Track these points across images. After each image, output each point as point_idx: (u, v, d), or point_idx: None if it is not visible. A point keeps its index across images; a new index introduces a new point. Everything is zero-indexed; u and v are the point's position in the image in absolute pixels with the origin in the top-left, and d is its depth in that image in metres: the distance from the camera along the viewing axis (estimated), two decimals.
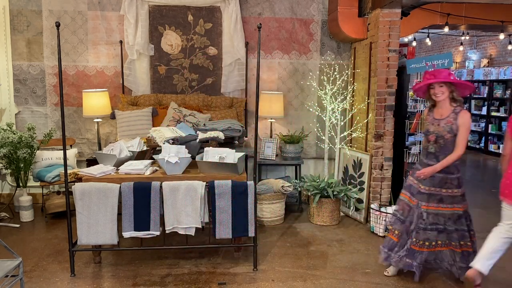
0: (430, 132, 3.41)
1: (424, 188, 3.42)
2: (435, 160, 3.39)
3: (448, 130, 3.31)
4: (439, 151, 3.38)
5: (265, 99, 5.36)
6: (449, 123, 3.32)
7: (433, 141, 3.38)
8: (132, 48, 5.35)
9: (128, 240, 3.89)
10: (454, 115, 3.32)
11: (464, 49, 11.48)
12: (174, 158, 3.62)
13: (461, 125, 3.29)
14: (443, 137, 3.33)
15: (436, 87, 3.33)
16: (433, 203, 3.40)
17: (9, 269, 2.69)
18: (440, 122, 3.37)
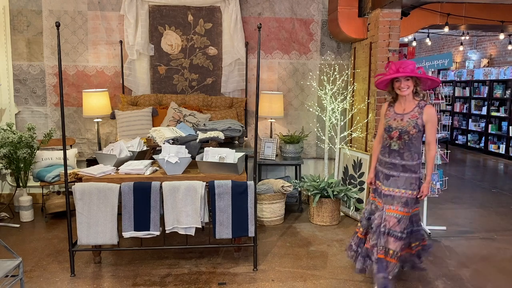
0: (393, 128, 3.17)
1: (389, 189, 3.20)
2: (399, 158, 3.17)
3: (414, 125, 3.11)
4: (403, 147, 3.15)
5: (265, 99, 5.36)
6: (414, 118, 3.12)
7: (396, 138, 3.15)
8: (132, 48, 5.35)
9: (128, 240, 3.89)
10: (419, 109, 3.14)
11: (464, 49, 11.48)
12: (174, 158, 3.62)
13: (427, 121, 3.11)
14: (407, 133, 3.12)
15: (402, 81, 3.11)
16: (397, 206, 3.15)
17: (9, 269, 2.69)
18: (403, 117, 3.16)
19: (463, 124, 11.36)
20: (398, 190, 3.16)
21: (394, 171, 3.19)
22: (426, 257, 3.65)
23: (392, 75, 3.10)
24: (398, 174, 3.17)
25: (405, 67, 3.07)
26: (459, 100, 11.57)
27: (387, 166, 3.23)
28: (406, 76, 3.08)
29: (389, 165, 3.22)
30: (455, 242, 4.44)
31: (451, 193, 6.14)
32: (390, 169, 3.21)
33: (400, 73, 3.06)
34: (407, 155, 3.15)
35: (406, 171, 3.15)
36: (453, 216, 5.31)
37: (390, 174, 3.21)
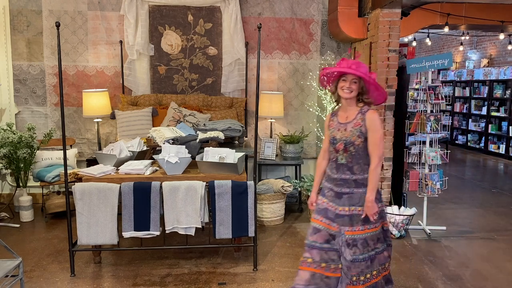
0: (337, 139, 2.75)
1: (343, 209, 2.75)
2: (349, 172, 2.74)
3: (358, 134, 2.69)
4: (351, 161, 2.73)
5: (265, 99, 5.35)
6: (358, 126, 2.70)
7: (342, 150, 2.74)
8: (132, 48, 5.35)
9: (128, 240, 3.89)
10: (361, 115, 2.71)
11: (464, 49, 11.48)
12: (174, 158, 3.62)
13: (369, 128, 2.67)
14: (353, 144, 2.70)
15: (348, 81, 2.69)
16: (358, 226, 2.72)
17: (9, 269, 2.69)
18: (346, 126, 2.74)
19: (463, 124, 11.36)
20: (354, 208, 2.72)
21: (346, 188, 2.76)
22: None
23: (340, 69, 2.69)
24: (352, 191, 2.74)
25: (358, 67, 2.68)
26: (459, 100, 11.57)
27: (337, 183, 2.78)
28: (354, 78, 2.69)
29: (339, 182, 2.77)
30: (455, 242, 4.44)
31: (451, 193, 6.14)
32: (341, 186, 2.77)
33: (351, 69, 2.66)
34: (357, 169, 2.73)
35: (359, 186, 2.74)
36: (453, 216, 5.31)
37: (341, 191, 2.77)
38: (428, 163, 4.70)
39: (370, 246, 2.73)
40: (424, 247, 4.30)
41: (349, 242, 2.69)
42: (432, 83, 4.77)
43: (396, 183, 4.98)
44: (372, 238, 2.73)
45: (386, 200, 4.89)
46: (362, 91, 2.72)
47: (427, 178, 4.69)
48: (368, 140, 2.70)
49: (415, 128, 4.79)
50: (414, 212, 4.57)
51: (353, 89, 2.69)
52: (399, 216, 4.48)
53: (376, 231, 2.76)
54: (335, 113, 2.86)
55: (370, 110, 2.72)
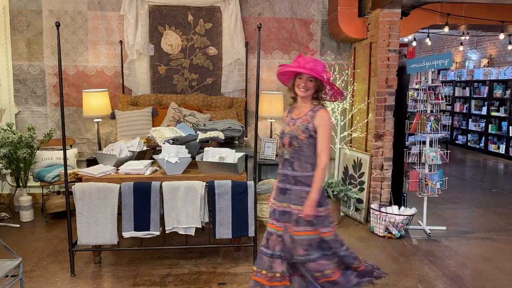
0: (285, 133, 2.76)
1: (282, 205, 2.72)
2: (290, 168, 2.70)
3: (303, 129, 2.66)
4: (293, 156, 2.69)
5: (265, 99, 5.35)
6: (305, 122, 2.67)
7: (287, 145, 2.71)
8: (132, 48, 5.35)
9: (128, 240, 3.89)
10: (312, 113, 2.68)
11: (464, 49, 11.48)
12: (174, 158, 3.62)
13: (318, 125, 2.63)
14: (297, 138, 2.67)
15: (304, 79, 2.67)
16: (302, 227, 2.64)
17: (9, 269, 2.69)
18: (296, 121, 2.73)
19: (463, 124, 11.36)
20: (294, 207, 2.66)
21: (288, 184, 2.71)
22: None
23: (294, 69, 2.67)
24: (290, 187, 2.69)
25: (314, 66, 2.64)
26: (459, 100, 11.57)
27: (281, 179, 2.75)
28: (309, 77, 2.66)
29: (283, 177, 2.74)
30: (455, 242, 4.44)
31: (451, 193, 6.14)
32: (284, 181, 2.73)
33: (305, 69, 2.63)
34: (297, 165, 2.68)
35: (297, 184, 2.67)
36: (453, 216, 5.31)
37: (284, 187, 2.73)
38: (428, 163, 4.70)
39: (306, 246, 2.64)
40: (424, 247, 4.30)
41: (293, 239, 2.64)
42: (432, 83, 4.77)
43: (396, 183, 4.98)
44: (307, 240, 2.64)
45: (386, 200, 4.89)
46: (318, 88, 2.71)
47: (427, 178, 4.69)
48: (317, 139, 2.66)
49: (415, 128, 4.79)
50: (414, 212, 4.57)
51: (309, 87, 2.68)
52: (399, 216, 4.48)
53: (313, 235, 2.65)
54: (292, 110, 2.85)
55: (322, 109, 2.70)
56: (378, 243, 4.38)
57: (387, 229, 4.50)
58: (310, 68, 2.62)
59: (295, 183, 2.69)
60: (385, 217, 4.49)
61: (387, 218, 4.48)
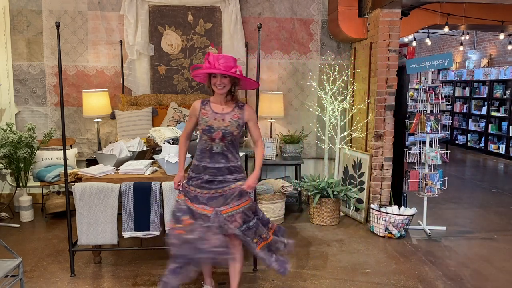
0: (215, 128, 2.84)
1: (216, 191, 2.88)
2: (224, 160, 2.88)
3: (236, 126, 2.86)
4: (226, 149, 2.88)
5: (265, 99, 5.36)
6: (236, 118, 2.87)
7: (219, 139, 2.85)
8: (132, 48, 5.35)
9: (128, 240, 3.89)
10: (239, 109, 2.90)
11: (464, 49, 11.49)
12: (174, 158, 3.61)
13: (249, 119, 2.92)
14: (231, 134, 2.85)
15: (219, 78, 2.79)
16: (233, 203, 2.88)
17: (9, 269, 2.69)
18: (224, 116, 2.86)
19: (463, 124, 11.36)
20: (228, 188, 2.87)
21: (220, 176, 2.88)
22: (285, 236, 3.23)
23: (207, 70, 2.78)
24: (224, 178, 2.88)
25: (223, 63, 2.74)
26: (459, 100, 11.57)
27: (210, 172, 2.88)
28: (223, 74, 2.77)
29: (212, 170, 2.88)
30: (455, 242, 4.44)
31: (451, 193, 6.14)
32: (214, 174, 2.88)
33: (215, 69, 2.74)
34: (231, 157, 2.91)
35: (232, 173, 2.90)
36: (453, 216, 5.31)
37: (214, 179, 2.88)
38: (428, 163, 4.70)
39: (249, 216, 2.93)
40: (424, 247, 4.30)
41: (228, 219, 2.84)
42: (432, 83, 4.77)
43: (396, 183, 4.98)
44: (248, 209, 2.93)
45: (386, 200, 4.89)
46: (234, 82, 2.85)
47: (427, 178, 4.69)
48: (251, 130, 2.98)
49: (415, 128, 4.79)
50: (414, 212, 4.57)
51: (225, 83, 2.81)
52: (399, 216, 4.48)
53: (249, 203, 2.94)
54: (206, 102, 2.95)
55: (246, 105, 2.96)
56: (378, 243, 4.38)
57: (387, 229, 4.51)
58: (220, 66, 2.74)
59: (229, 172, 2.91)
60: (385, 217, 4.49)
61: (387, 218, 4.48)
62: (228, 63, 2.76)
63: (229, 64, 2.76)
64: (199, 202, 2.90)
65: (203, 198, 2.88)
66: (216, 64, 2.74)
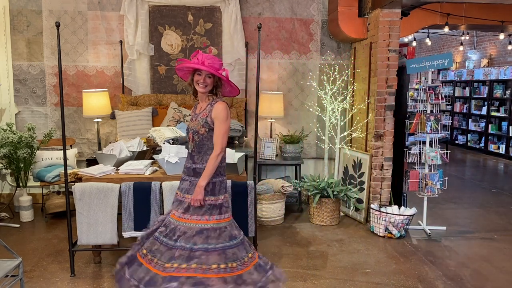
0: (189, 129, 2.85)
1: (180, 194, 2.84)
2: (191, 161, 2.82)
3: (203, 124, 2.76)
4: (194, 150, 2.81)
5: (265, 99, 5.36)
6: (204, 116, 2.77)
7: (191, 139, 2.82)
8: (132, 48, 5.35)
9: (128, 240, 3.89)
10: (210, 107, 2.78)
11: (464, 49, 11.48)
12: (174, 158, 3.62)
13: (214, 118, 2.73)
14: (198, 133, 2.77)
15: (203, 76, 2.74)
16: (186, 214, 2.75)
17: (9, 269, 2.69)
18: (197, 116, 2.84)
19: (463, 124, 11.36)
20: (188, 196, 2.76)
21: (187, 176, 2.84)
22: None
23: (195, 65, 2.72)
24: (190, 179, 2.81)
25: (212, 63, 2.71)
26: (459, 100, 11.57)
27: (184, 171, 2.89)
28: (208, 73, 2.73)
29: (184, 169, 2.88)
30: (455, 242, 4.44)
31: (451, 193, 6.14)
32: (184, 173, 2.87)
33: (204, 66, 2.69)
34: (197, 158, 2.79)
35: (196, 175, 2.77)
36: (453, 216, 5.31)
37: (184, 178, 2.87)
38: (428, 163, 4.70)
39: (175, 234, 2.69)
40: (424, 247, 4.30)
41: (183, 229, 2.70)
42: (432, 83, 4.77)
43: (396, 183, 4.98)
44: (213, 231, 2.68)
45: (386, 200, 4.89)
46: (216, 84, 2.80)
47: (427, 178, 4.69)
48: (214, 129, 2.75)
49: (415, 128, 4.79)
50: (414, 212, 4.57)
51: (207, 83, 2.76)
52: (399, 216, 4.48)
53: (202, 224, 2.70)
54: (196, 105, 2.95)
55: (219, 102, 2.78)
56: (378, 243, 4.38)
57: (387, 229, 4.51)
58: (209, 65, 2.70)
59: (194, 174, 2.80)
60: (385, 217, 4.49)
61: (387, 218, 4.48)
62: (215, 64, 2.73)
63: (215, 66, 2.73)
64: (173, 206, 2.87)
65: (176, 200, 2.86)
66: (206, 62, 2.71)
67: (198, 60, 2.73)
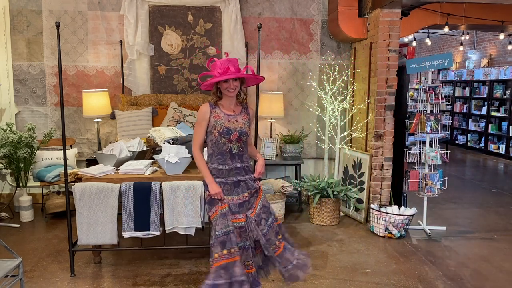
0: (232, 130, 2.81)
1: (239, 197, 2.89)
2: (240, 161, 2.87)
3: (249, 126, 2.91)
4: (242, 150, 2.88)
5: (265, 99, 5.36)
6: (246, 119, 2.90)
7: (236, 140, 2.83)
8: (132, 48, 5.35)
9: (128, 240, 3.89)
10: (246, 110, 2.93)
11: (464, 49, 11.48)
12: (174, 158, 3.62)
13: (252, 120, 3.04)
14: (246, 134, 2.87)
15: (231, 82, 2.77)
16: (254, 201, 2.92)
17: (9, 269, 2.69)
18: (237, 118, 2.86)
19: (463, 124, 11.36)
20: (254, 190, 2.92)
21: (242, 176, 2.89)
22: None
23: (225, 77, 2.73)
24: (245, 178, 2.89)
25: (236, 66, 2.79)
26: (459, 100, 11.57)
27: (235, 173, 2.87)
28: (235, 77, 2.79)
29: (236, 171, 2.88)
30: (455, 242, 4.44)
31: (451, 193, 6.14)
32: (237, 174, 2.88)
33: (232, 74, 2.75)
34: (246, 157, 2.93)
35: (247, 173, 2.92)
36: (453, 216, 5.31)
37: (238, 180, 2.88)
38: (428, 163, 4.70)
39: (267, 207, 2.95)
40: (424, 247, 4.30)
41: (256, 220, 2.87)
42: (432, 83, 4.77)
43: (396, 183, 4.98)
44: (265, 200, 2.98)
45: (386, 200, 4.89)
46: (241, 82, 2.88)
47: (427, 178, 4.69)
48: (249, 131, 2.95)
49: (415, 128, 4.79)
50: (414, 212, 4.57)
51: (237, 86, 2.83)
52: (399, 216, 4.48)
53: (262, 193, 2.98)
54: (215, 105, 2.87)
55: (249, 107, 3.00)
56: (378, 243, 4.38)
57: (387, 229, 4.51)
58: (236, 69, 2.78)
59: (245, 173, 2.92)
60: (385, 217, 4.49)
61: (387, 218, 4.48)
62: (236, 65, 2.79)
63: (237, 66, 2.79)
64: (232, 212, 2.84)
65: (234, 206, 2.85)
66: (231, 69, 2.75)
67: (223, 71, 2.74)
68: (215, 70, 2.77)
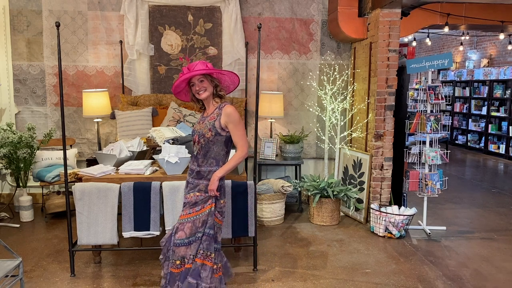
0: (195, 131, 2.84)
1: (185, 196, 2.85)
2: (196, 163, 2.80)
3: (210, 128, 2.74)
4: (199, 152, 2.79)
5: (265, 99, 5.36)
6: (212, 120, 2.75)
7: (196, 142, 2.81)
8: (132, 48, 5.35)
9: (128, 240, 3.90)
10: (218, 110, 2.76)
11: (464, 49, 11.48)
12: (174, 158, 3.62)
13: (227, 122, 2.72)
14: (204, 136, 2.75)
15: (196, 83, 2.74)
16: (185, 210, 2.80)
17: (9, 269, 2.69)
18: (204, 119, 2.81)
19: (463, 124, 11.36)
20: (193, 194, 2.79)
21: (190, 178, 2.85)
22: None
23: (182, 77, 2.73)
24: (193, 181, 2.82)
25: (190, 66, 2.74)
26: (459, 100, 11.57)
27: (188, 173, 2.87)
28: (199, 77, 2.73)
29: (189, 171, 2.87)
30: (455, 242, 4.45)
31: (451, 193, 6.13)
32: (189, 175, 2.86)
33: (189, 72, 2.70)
34: (202, 161, 2.78)
35: (200, 178, 2.79)
36: (453, 216, 5.31)
37: (188, 181, 2.87)
38: (428, 163, 4.70)
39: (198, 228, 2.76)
40: (424, 247, 4.30)
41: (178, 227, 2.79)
42: (432, 83, 4.77)
43: (396, 183, 4.98)
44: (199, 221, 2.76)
45: (386, 200, 4.89)
46: (215, 84, 2.80)
47: (427, 178, 4.69)
48: (230, 133, 2.77)
49: (415, 128, 4.79)
50: (414, 212, 4.57)
51: (205, 87, 2.76)
52: (399, 216, 4.48)
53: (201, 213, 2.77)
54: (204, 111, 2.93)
55: (227, 105, 2.78)
56: (378, 243, 4.38)
57: (387, 229, 4.51)
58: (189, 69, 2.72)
59: (198, 177, 2.80)
60: (385, 217, 4.49)
61: (387, 218, 4.48)
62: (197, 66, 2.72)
63: (198, 66, 2.72)
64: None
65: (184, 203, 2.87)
66: (185, 70, 2.73)
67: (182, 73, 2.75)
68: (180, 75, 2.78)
